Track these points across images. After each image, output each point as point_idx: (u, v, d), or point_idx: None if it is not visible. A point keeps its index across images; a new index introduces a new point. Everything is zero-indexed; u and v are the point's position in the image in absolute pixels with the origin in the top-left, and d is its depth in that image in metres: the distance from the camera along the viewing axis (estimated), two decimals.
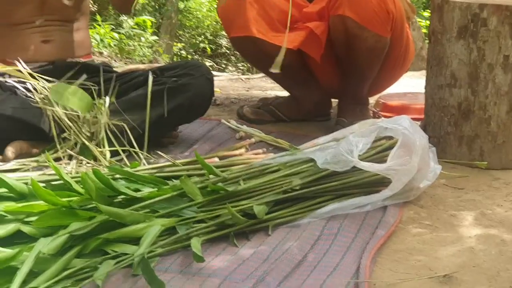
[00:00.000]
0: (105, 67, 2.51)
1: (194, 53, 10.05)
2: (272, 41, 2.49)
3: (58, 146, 2.15)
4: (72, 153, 2.13)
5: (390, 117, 2.70)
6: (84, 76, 2.33)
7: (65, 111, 2.17)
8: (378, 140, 1.94)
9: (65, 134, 2.17)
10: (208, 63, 9.58)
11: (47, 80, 2.26)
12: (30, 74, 2.25)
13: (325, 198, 1.84)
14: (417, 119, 2.52)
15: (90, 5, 2.56)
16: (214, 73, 4.31)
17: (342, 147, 1.85)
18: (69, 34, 2.42)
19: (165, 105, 2.27)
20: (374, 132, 1.92)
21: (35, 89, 2.22)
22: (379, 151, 1.92)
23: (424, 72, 2.43)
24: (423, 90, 2.43)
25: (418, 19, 7.29)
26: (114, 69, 2.63)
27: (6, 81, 2.26)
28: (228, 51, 10.20)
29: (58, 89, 2.21)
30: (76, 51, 2.49)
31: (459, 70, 2.22)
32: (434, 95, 2.32)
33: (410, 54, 2.70)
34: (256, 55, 2.65)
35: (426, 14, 8.61)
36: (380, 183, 1.87)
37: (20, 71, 2.24)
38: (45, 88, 2.21)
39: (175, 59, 9.02)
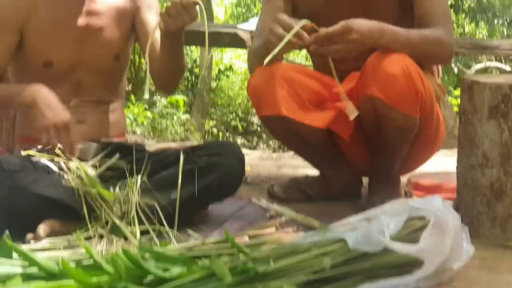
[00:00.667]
0: (137, 146, 2.54)
1: (225, 131, 10.13)
2: (302, 120, 2.52)
3: (89, 225, 2.16)
4: (103, 232, 2.14)
5: (422, 196, 2.69)
6: (117, 156, 2.37)
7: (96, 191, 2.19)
8: (410, 220, 1.92)
9: (96, 213, 2.19)
10: (239, 140, 9.64)
11: (80, 160, 2.29)
12: (63, 153, 2.29)
13: (356, 279, 1.81)
14: (449, 199, 2.50)
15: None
16: (245, 151, 4.34)
17: (373, 227, 1.83)
18: (104, 115, 2.47)
19: (196, 184, 2.28)
20: (406, 212, 1.90)
21: (68, 168, 2.25)
22: (411, 231, 1.89)
23: (456, 150, 2.42)
24: (455, 169, 2.42)
25: (450, 98, 7.32)
26: (146, 147, 2.66)
27: (39, 160, 2.30)
28: (259, 128, 10.27)
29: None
30: (110, 131, 2.54)
31: (491, 150, 2.21)
32: (466, 175, 2.30)
33: (441, 133, 2.70)
34: (286, 134, 2.67)
35: (458, 93, 8.63)
36: (413, 264, 1.84)
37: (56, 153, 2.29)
38: (78, 168, 2.24)
39: (206, 137, 9.10)
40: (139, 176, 2.28)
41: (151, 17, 2.57)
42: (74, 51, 2.46)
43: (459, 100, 2.50)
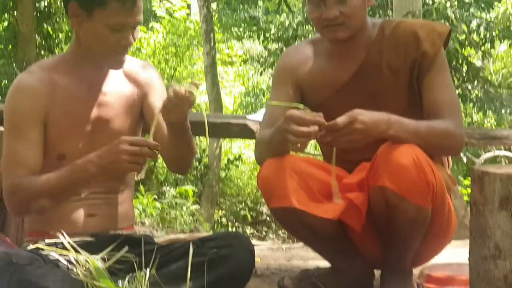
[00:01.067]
0: (146, 238, 2.54)
1: (235, 221, 10.11)
2: (313, 212, 2.50)
3: None
4: None
5: None
6: (126, 249, 2.36)
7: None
8: None
9: None
10: (248, 230, 9.60)
11: (89, 253, 2.28)
12: (72, 247, 2.29)
13: None
14: None
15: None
16: (254, 242, 4.31)
17: None
18: (114, 207, 2.46)
19: (206, 277, 2.26)
20: None
21: (77, 261, 2.24)
22: None
23: (468, 241, 2.39)
24: (467, 261, 2.39)
25: (460, 188, 7.30)
26: (155, 239, 2.65)
27: (49, 254, 2.29)
28: (268, 218, 10.25)
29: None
30: (119, 223, 2.53)
31: (503, 241, 2.19)
32: (479, 267, 2.27)
33: (452, 224, 2.68)
34: (296, 225, 2.65)
35: (467, 182, 8.62)
36: None
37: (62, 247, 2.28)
38: (86, 261, 2.23)
39: (216, 227, 9.06)
40: (148, 269, 2.27)
41: (158, 102, 2.59)
42: (86, 144, 2.47)
43: (469, 189, 2.50)
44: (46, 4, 10.74)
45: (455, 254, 3.51)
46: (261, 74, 10.31)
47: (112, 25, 2.36)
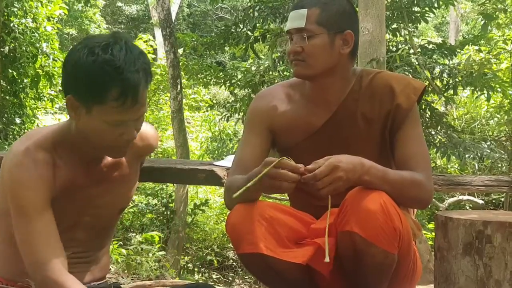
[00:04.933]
0: (115, 287, 2.52)
1: (201, 266, 10.05)
2: (281, 257, 2.51)
3: None
4: None
5: None
6: None
7: None
8: None
9: None
10: (215, 275, 9.54)
11: None
12: None
13: None
14: None
15: None
16: (221, 287, 4.29)
17: None
18: (92, 263, 2.47)
19: None
20: None
21: None
22: None
23: (432, 285, 2.42)
24: None
25: (424, 232, 7.36)
26: (121, 285, 2.64)
27: None
28: (235, 263, 10.20)
29: None
30: (94, 275, 2.51)
31: (467, 286, 2.22)
32: None
33: (418, 270, 2.71)
34: (264, 271, 2.65)
35: (431, 226, 8.69)
36: None
37: None
38: None
39: (182, 273, 8.99)
40: None
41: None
42: (77, 216, 2.43)
43: (433, 234, 2.53)
44: (11, 47, 10.70)
45: None
46: (227, 119, 10.35)
47: (112, 122, 2.24)
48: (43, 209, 2.26)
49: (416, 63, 8.53)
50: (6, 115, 11.03)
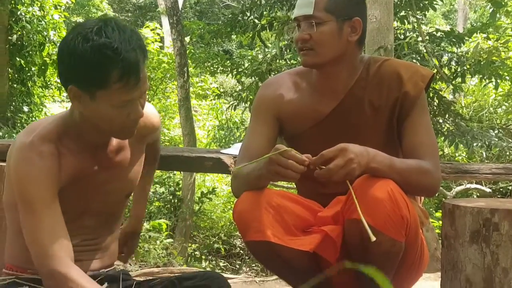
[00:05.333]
0: (124, 275, 2.53)
1: (208, 254, 10.06)
2: (288, 245, 2.52)
3: None
4: None
5: None
6: (105, 285, 2.35)
7: None
8: None
9: None
10: (222, 263, 9.55)
11: None
12: None
13: None
14: None
15: None
16: (228, 275, 4.31)
17: None
18: (101, 251, 2.47)
19: None
20: None
21: None
22: None
23: (439, 273, 2.42)
24: None
25: (431, 220, 7.35)
26: (130, 272, 2.65)
27: None
28: (242, 251, 10.21)
29: None
30: (103, 263, 2.52)
31: (474, 274, 2.22)
32: None
33: (425, 258, 2.71)
34: (271, 259, 2.66)
35: (439, 214, 8.68)
36: None
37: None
38: None
39: (189, 261, 9.01)
40: None
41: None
42: (85, 203, 2.43)
43: (440, 222, 2.52)
44: (18, 36, 10.71)
45: (427, 287, 3.54)
46: (234, 108, 10.34)
47: (118, 104, 2.22)
48: (50, 203, 2.26)
49: (424, 51, 8.51)
50: (14, 103, 11.05)
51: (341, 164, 2.38)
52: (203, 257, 9.77)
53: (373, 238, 2.33)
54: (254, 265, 9.55)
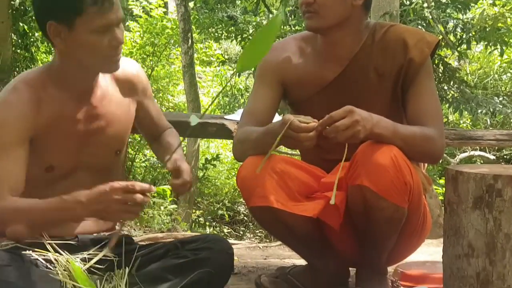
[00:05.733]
0: (126, 238, 2.54)
1: (212, 220, 10.10)
2: (292, 211, 2.53)
3: None
4: None
5: (409, 286, 2.69)
6: (106, 249, 2.37)
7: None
8: None
9: None
10: (226, 230, 9.60)
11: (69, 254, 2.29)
12: (52, 247, 2.30)
13: None
14: None
15: None
16: (232, 241, 4.33)
17: None
18: None
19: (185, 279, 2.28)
20: None
21: (56, 261, 2.25)
22: None
23: (441, 240, 2.43)
24: (441, 259, 2.43)
25: (435, 187, 7.36)
26: (134, 238, 2.66)
27: (28, 254, 2.29)
28: (246, 218, 10.26)
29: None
30: (102, 225, 2.53)
31: (476, 240, 2.23)
32: (452, 265, 2.31)
33: (427, 224, 2.72)
34: (274, 224, 2.67)
35: (442, 181, 8.69)
36: None
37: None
38: (67, 261, 2.24)
39: (193, 227, 9.06)
40: (127, 269, 2.28)
41: (153, 106, 2.70)
42: (75, 155, 2.44)
43: (444, 189, 2.53)
44: (21, 1, 10.64)
45: (429, 252, 3.56)
46: (239, 75, 10.31)
47: (96, 29, 2.28)
48: (12, 147, 2.32)
49: (430, 17, 8.45)
50: (17, 68, 11.02)
51: (347, 124, 2.38)
52: (207, 223, 9.82)
53: (332, 202, 2.40)
54: (258, 231, 9.60)
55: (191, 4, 11.70)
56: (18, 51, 11.04)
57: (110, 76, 2.52)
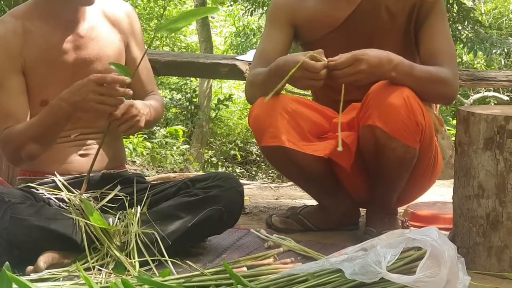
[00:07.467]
0: (138, 177, 2.56)
1: (224, 160, 10.15)
2: (303, 150, 2.53)
3: (89, 257, 2.17)
4: (101, 267, 2.16)
5: (419, 227, 2.71)
6: (118, 188, 2.40)
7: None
8: (406, 251, 1.94)
9: (96, 245, 2.21)
10: (238, 170, 9.65)
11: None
12: (64, 186, 2.32)
13: None
14: (446, 229, 2.52)
15: None
16: (244, 181, 4.36)
17: (370, 258, 1.85)
18: (105, 146, 2.46)
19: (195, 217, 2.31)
20: (402, 243, 1.91)
21: (69, 199, 2.28)
22: (408, 262, 1.92)
23: (453, 181, 2.44)
24: (451, 200, 2.44)
25: (447, 128, 7.34)
26: (146, 177, 2.68)
27: (41, 193, 2.32)
28: (258, 158, 10.29)
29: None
30: (111, 163, 2.55)
31: (486, 181, 2.23)
32: (462, 206, 2.32)
33: (438, 165, 2.72)
34: (286, 164, 2.68)
35: (455, 122, 8.67)
36: None
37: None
38: (79, 200, 2.26)
39: (205, 167, 9.10)
40: (139, 208, 2.31)
41: (139, 53, 2.61)
42: (68, 87, 2.42)
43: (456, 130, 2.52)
44: None
45: (440, 193, 3.57)
46: (251, 14, 10.20)
47: None
48: (6, 80, 2.40)
49: None
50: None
51: (349, 72, 2.38)
52: (220, 163, 9.87)
53: (340, 148, 2.37)
54: (270, 171, 9.65)
55: None
56: None
57: (101, 14, 2.53)
